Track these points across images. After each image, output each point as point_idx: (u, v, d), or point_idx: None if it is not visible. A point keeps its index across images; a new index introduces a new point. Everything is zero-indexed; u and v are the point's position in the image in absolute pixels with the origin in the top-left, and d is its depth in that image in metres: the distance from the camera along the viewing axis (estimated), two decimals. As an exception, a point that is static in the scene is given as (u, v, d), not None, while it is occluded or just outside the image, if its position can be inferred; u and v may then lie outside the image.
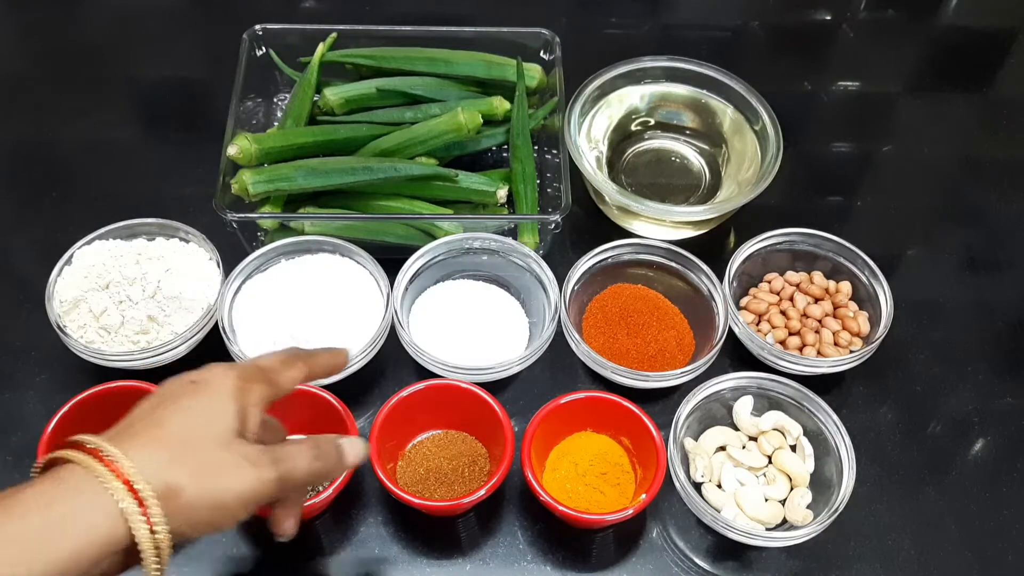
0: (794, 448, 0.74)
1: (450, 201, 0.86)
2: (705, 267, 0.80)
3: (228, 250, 0.80)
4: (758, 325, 0.81)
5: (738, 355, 0.81)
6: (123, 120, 0.99)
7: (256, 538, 0.70)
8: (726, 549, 0.71)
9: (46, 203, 0.90)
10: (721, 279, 0.80)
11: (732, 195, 0.88)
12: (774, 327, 0.80)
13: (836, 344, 0.79)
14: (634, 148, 0.95)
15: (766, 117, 0.89)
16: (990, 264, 0.90)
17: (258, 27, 0.91)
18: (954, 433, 0.79)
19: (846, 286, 0.83)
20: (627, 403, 0.71)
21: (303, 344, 0.74)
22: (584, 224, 0.90)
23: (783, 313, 0.81)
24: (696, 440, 0.74)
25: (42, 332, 0.76)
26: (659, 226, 0.87)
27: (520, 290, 0.82)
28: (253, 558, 0.70)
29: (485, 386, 0.72)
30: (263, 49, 0.92)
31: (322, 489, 0.67)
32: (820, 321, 0.81)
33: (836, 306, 0.82)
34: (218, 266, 0.79)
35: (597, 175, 0.86)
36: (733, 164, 0.92)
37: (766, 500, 0.71)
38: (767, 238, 0.83)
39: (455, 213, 0.85)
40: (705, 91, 0.93)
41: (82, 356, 0.74)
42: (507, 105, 0.89)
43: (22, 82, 1.01)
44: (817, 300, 0.82)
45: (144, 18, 1.08)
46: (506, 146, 0.91)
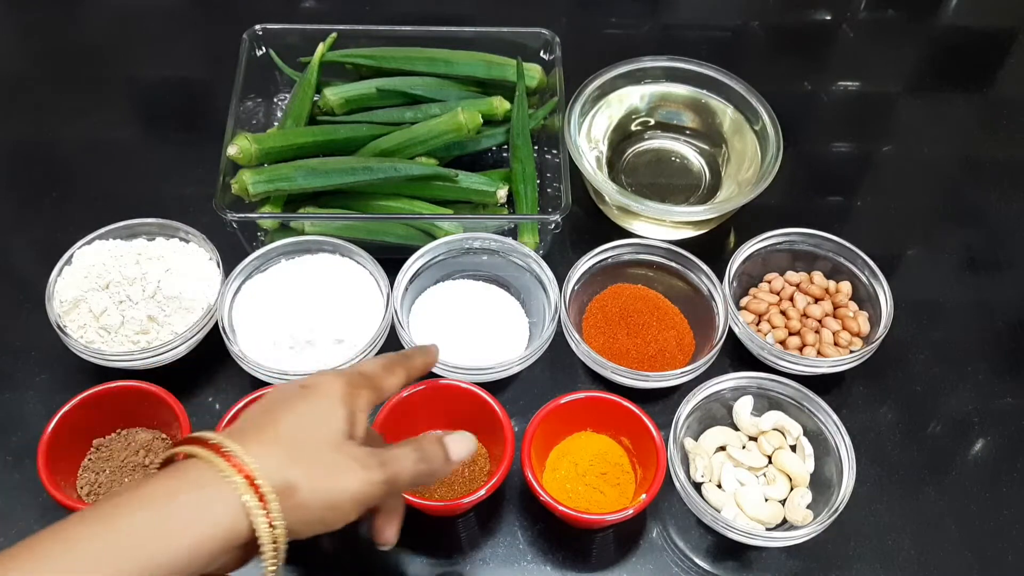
0: (794, 448, 0.74)
1: (450, 201, 0.86)
2: (705, 267, 0.80)
3: (228, 250, 0.80)
4: (758, 325, 0.81)
5: (738, 355, 0.81)
6: (123, 120, 0.99)
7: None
8: (726, 549, 0.71)
9: (46, 203, 0.90)
10: (721, 279, 0.80)
11: (732, 195, 0.88)
12: (774, 327, 0.80)
13: (836, 344, 0.79)
14: (634, 148, 0.95)
15: (766, 117, 0.89)
16: (990, 264, 0.90)
17: (258, 27, 0.91)
18: (954, 433, 0.79)
19: (846, 286, 0.83)
20: (627, 403, 0.71)
21: (303, 344, 0.75)
22: (584, 224, 0.90)
23: (783, 313, 0.81)
24: (696, 440, 0.74)
25: (42, 332, 0.76)
26: (659, 226, 0.87)
27: (520, 290, 0.82)
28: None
29: (485, 386, 0.72)
30: (263, 49, 0.92)
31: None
32: (820, 321, 0.81)
33: (836, 306, 0.82)
34: (218, 266, 0.79)
35: (597, 175, 0.86)
36: (733, 164, 0.92)
37: (766, 500, 0.71)
38: (767, 238, 0.83)
39: (455, 213, 0.85)
40: (705, 91, 0.93)
41: (82, 356, 0.74)
42: (507, 105, 0.89)
43: (22, 82, 1.01)
44: (817, 300, 0.82)
45: (144, 18, 1.08)
46: (506, 146, 0.91)
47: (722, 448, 0.74)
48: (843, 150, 1.00)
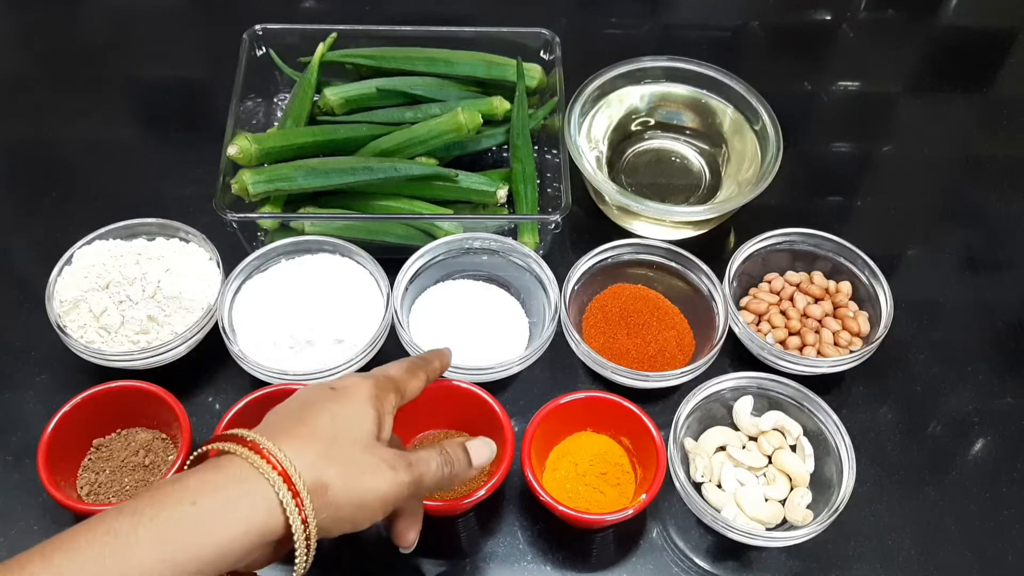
0: (794, 448, 0.74)
1: (450, 201, 0.86)
2: (705, 267, 0.80)
3: (228, 250, 0.80)
4: (758, 325, 0.81)
5: (738, 355, 0.81)
6: (123, 120, 0.99)
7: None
8: (726, 549, 0.71)
9: (46, 203, 0.90)
10: (721, 279, 0.80)
11: (732, 195, 0.88)
12: (774, 327, 0.80)
13: (836, 344, 0.79)
14: (634, 148, 0.95)
15: (766, 117, 0.89)
16: (990, 264, 0.90)
17: (258, 27, 0.91)
18: (954, 433, 0.79)
19: (846, 286, 0.83)
20: (627, 403, 0.71)
21: (303, 344, 0.75)
22: (584, 224, 0.90)
23: (783, 313, 0.81)
24: (696, 440, 0.74)
25: (42, 332, 0.76)
26: (659, 226, 0.87)
27: (520, 290, 0.82)
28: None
29: (485, 386, 0.72)
30: (263, 49, 0.92)
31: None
32: (820, 321, 0.81)
33: (836, 306, 0.82)
34: (218, 266, 0.79)
35: (597, 175, 0.86)
36: (733, 164, 0.92)
37: (766, 500, 0.71)
38: (767, 238, 0.83)
39: (455, 213, 0.85)
40: (705, 91, 0.93)
41: (82, 356, 0.74)
42: (507, 105, 0.89)
43: (22, 82, 1.01)
44: (817, 300, 0.82)
45: (144, 18, 1.08)
46: (506, 146, 0.91)
47: (722, 448, 0.74)
48: (843, 150, 1.00)
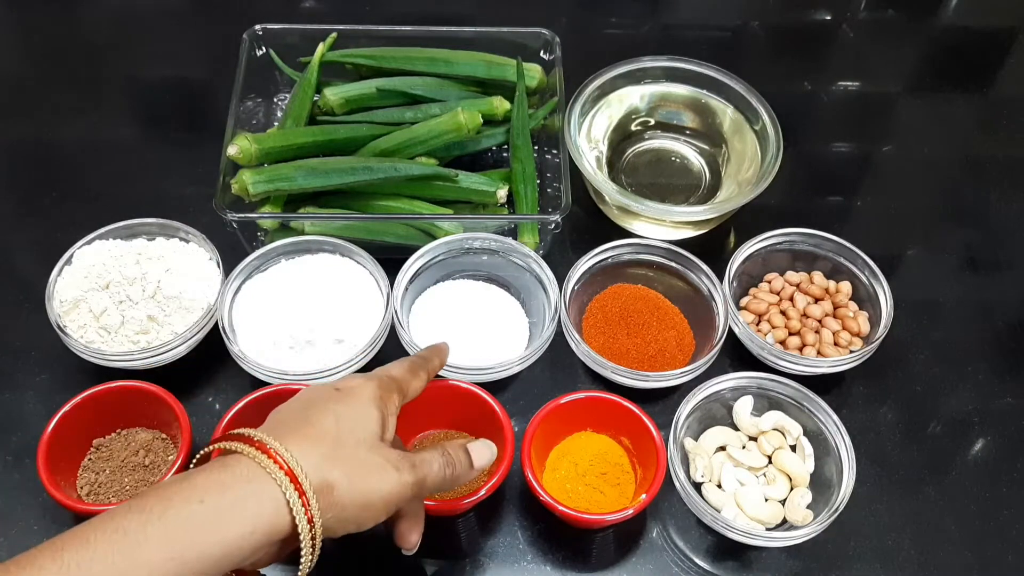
0: (794, 448, 0.74)
1: (450, 201, 0.86)
2: (705, 267, 0.80)
3: (228, 250, 0.80)
4: (758, 325, 0.81)
5: (738, 355, 0.81)
6: (123, 120, 0.99)
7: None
8: (726, 549, 0.71)
9: (46, 203, 0.90)
10: (721, 279, 0.80)
11: (732, 195, 0.88)
12: (774, 327, 0.80)
13: (836, 344, 0.79)
14: (634, 148, 0.95)
15: (766, 117, 0.89)
16: (990, 264, 0.90)
17: (258, 27, 0.91)
18: (954, 433, 0.79)
19: (846, 286, 0.83)
20: (627, 403, 0.71)
21: (303, 344, 0.75)
22: (584, 224, 0.90)
23: (783, 313, 0.81)
24: (696, 440, 0.74)
25: (42, 332, 0.76)
26: (659, 226, 0.87)
27: (520, 290, 0.82)
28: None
29: (485, 386, 0.72)
30: (263, 49, 0.92)
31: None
32: (820, 321, 0.81)
33: (836, 306, 0.82)
34: (218, 266, 0.79)
35: (597, 175, 0.86)
36: (733, 164, 0.92)
37: (766, 500, 0.71)
38: (767, 238, 0.83)
39: (455, 213, 0.85)
40: (705, 91, 0.93)
41: (82, 356, 0.74)
42: (507, 105, 0.89)
43: (22, 82, 1.01)
44: (817, 300, 0.82)
45: (144, 18, 1.08)
46: (506, 146, 0.91)
47: (722, 448, 0.74)
48: (843, 150, 1.00)
